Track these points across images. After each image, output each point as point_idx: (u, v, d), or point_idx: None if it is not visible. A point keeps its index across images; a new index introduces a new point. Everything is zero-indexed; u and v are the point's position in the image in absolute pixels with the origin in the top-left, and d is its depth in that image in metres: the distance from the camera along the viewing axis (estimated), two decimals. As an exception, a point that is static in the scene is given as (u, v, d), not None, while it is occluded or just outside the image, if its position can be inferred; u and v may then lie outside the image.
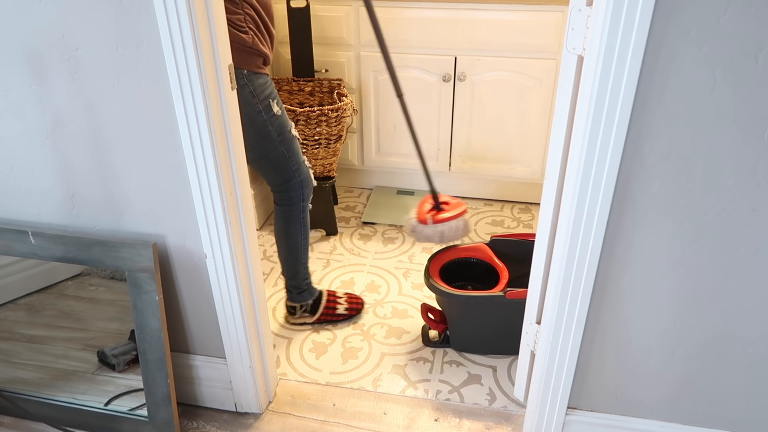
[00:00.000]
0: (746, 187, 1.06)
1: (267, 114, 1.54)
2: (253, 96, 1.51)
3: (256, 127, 1.55)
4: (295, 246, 1.79)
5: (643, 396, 1.36)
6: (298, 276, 1.85)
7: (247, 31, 1.45)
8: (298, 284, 1.86)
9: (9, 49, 1.21)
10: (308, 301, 1.89)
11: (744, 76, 0.97)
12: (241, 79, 1.47)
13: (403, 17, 2.29)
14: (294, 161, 1.65)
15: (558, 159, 1.20)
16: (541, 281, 1.36)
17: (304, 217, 1.76)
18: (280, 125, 1.58)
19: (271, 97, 1.55)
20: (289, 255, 1.81)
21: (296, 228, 1.76)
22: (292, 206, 1.72)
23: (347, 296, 1.97)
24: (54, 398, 1.56)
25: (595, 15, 0.99)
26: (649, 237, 1.15)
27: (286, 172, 1.66)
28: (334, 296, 1.95)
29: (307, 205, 1.75)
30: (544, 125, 2.38)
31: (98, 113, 1.25)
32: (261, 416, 1.62)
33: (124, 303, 1.48)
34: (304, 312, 1.90)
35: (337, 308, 1.91)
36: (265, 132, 1.56)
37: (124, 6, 1.11)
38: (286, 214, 1.74)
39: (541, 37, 2.22)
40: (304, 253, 1.82)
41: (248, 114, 1.51)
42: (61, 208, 1.40)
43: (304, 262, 1.83)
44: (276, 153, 1.61)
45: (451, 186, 2.69)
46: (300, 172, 1.68)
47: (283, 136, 1.60)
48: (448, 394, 1.68)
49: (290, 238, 1.78)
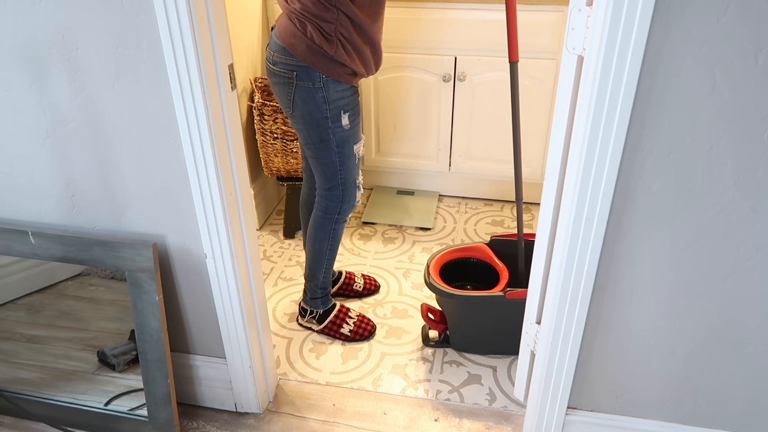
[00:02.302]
0: (746, 187, 1.06)
1: (333, 123, 1.54)
2: (325, 102, 1.50)
3: (318, 130, 1.55)
4: (319, 252, 1.78)
5: (643, 396, 1.36)
6: (316, 281, 1.83)
7: (333, 41, 1.43)
8: (314, 290, 1.85)
9: (9, 49, 1.21)
10: (319, 309, 1.88)
11: (744, 76, 0.97)
12: (318, 82, 1.48)
13: (403, 17, 2.29)
14: (343, 175, 1.64)
15: (558, 159, 1.20)
16: (541, 281, 1.36)
17: (334, 229, 1.74)
18: (343, 138, 1.57)
19: (344, 109, 1.53)
20: (312, 259, 1.80)
21: (323, 236, 1.75)
22: (326, 215, 1.71)
23: (359, 318, 1.91)
24: (54, 398, 1.56)
25: (595, 15, 0.99)
26: (649, 237, 1.15)
27: (332, 180, 1.65)
28: (345, 314, 1.91)
29: (342, 221, 1.73)
30: (544, 125, 2.38)
31: (98, 113, 1.25)
32: (261, 416, 1.62)
33: (124, 303, 1.48)
34: (312, 318, 1.89)
35: (342, 327, 1.88)
36: (326, 138, 1.56)
37: (124, 6, 1.11)
38: (319, 220, 1.73)
39: (541, 37, 2.22)
40: (327, 263, 1.80)
41: (315, 116, 1.53)
42: (61, 207, 1.40)
43: (324, 271, 1.81)
44: (328, 160, 1.61)
45: (451, 186, 2.69)
46: (345, 187, 1.67)
47: (342, 149, 1.59)
48: (448, 394, 1.68)
49: (315, 243, 1.77)
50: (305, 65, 1.46)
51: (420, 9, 2.27)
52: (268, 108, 2.15)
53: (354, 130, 1.59)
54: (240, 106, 2.01)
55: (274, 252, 2.34)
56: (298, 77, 1.49)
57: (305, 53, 1.45)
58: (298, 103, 1.53)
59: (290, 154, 2.24)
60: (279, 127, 2.19)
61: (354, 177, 1.68)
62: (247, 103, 2.29)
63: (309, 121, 1.54)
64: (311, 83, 1.48)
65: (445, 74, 2.35)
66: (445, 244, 2.38)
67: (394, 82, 2.42)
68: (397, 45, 2.34)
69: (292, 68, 1.48)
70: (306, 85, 1.49)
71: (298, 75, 1.48)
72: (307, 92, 1.50)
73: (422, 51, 2.34)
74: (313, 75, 1.47)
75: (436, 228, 2.49)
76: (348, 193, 1.68)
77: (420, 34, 2.31)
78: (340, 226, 1.75)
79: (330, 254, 1.79)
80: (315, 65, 1.45)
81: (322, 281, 1.83)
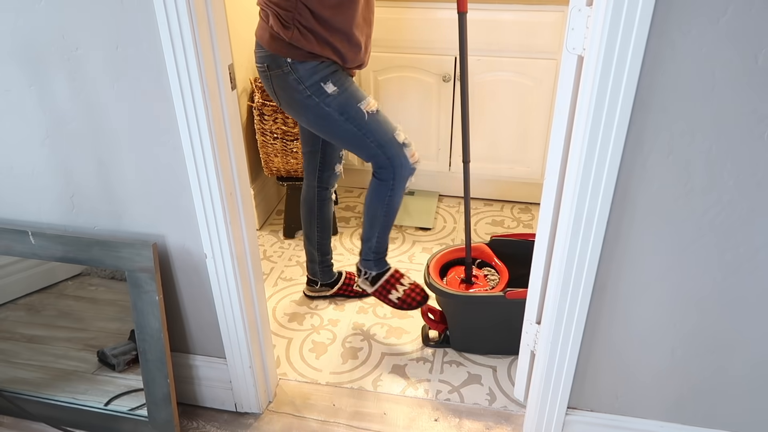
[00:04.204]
0: (746, 187, 1.06)
1: (319, 96, 1.54)
2: (299, 82, 1.53)
3: (311, 110, 1.56)
4: (372, 217, 1.75)
5: (643, 396, 1.36)
6: (369, 244, 1.80)
7: (290, 27, 1.47)
8: (366, 251, 1.82)
9: (9, 49, 1.21)
10: (372, 272, 1.85)
11: (744, 76, 0.97)
12: (285, 67, 1.51)
13: (403, 17, 2.29)
14: (373, 137, 1.58)
15: (558, 159, 1.20)
16: (541, 281, 1.36)
17: (391, 196, 1.69)
18: (341, 103, 1.55)
19: (322, 81, 1.53)
20: (367, 221, 1.77)
21: (378, 202, 1.71)
22: (381, 182, 1.67)
23: (411, 287, 1.86)
24: (54, 398, 1.56)
25: (595, 15, 0.99)
26: (649, 237, 1.15)
27: (366, 147, 1.60)
28: (396, 280, 1.86)
29: (399, 187, 1.67)
30: (544, 125, 2.38)
31: (98, 113, 1.25)
32: (261, 416, 1.62)
33: (124, 303, 1.48)
34: (365, 278, 1.87)
35: (391, 293, 1.84)
36: (323, 113, 1.56)
37: (124, 6, 1.11)
38: (375, 185, 1.69)
39: (541, 37, 2.22)
40: (381, 229, 1.76)
41: (297, 99, 1.55)
42: (61, 207, 1.40)
43: (378, 236, 1.78)
44: (343, 131, 1.58)
45: (451, 186, 2.69)
46: (385, 149, 1.60)
47: (348, 113, 1.55)
48: (448, 394, 1.68)
49: (371, 209, 1.74)
50: (271, 53, 1.52)
51: (420, 9, 2.27)
52: (268, 108, 2.15)
53: (348, 93, 1.56)
54: (240, 106, 2.02)
55: (274, 252, 2.34)
56: (269, 67, 1.55)
57: (269, 41, 1.52)
58: (279, 93, 1.58)
59: (290, 154, 2.24)
60: (279, 127, 2.19)
61: (387, 135, 1.60)
62: (247, 103, 2.29)
63: (296, 105, 1.57)
64: (280, 70, 1.53)
65: (445, 74, 2.35)
66: (445, 244, 2.38)
67: (394, 82, 2.42)
68: (398, 45, 2.34)
69: (263, 59, 1.55)
70: (277, 72, 1.54)
71: (269, 65, 1.55)
72: (281, 79, 1.55)
73: (422, 51, 2.34)
74: (280, 61, 1.52)
75: (436, 228, 2.49)
76: (394, 155, 1.61)
77: (420, 34, 2.31)
78: (396, 194, 1.69)
79: (385, 220, 1.75)
80: (278, 51, 1.51)
81: (375, 244, 1.80)
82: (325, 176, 1.87)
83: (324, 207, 1.91)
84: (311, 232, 1.94)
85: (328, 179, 1.88)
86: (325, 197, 1.90)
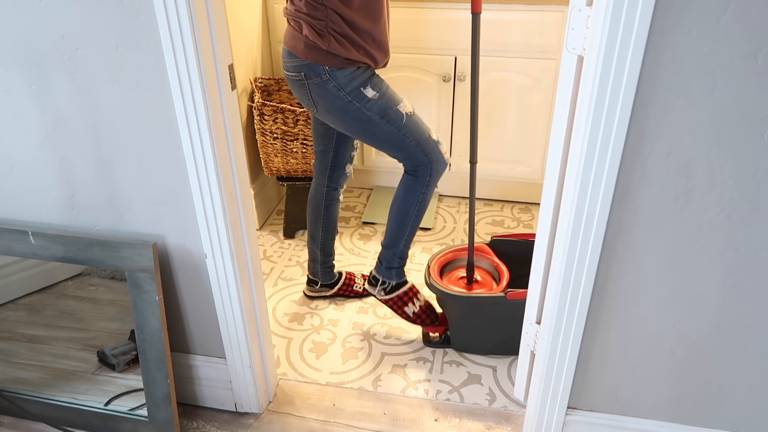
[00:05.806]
0: (746, 187, 1.06)
1: (360, 102, 1.55)
2: (339, 89, 1.53)
3: (351, 114, 1.57)
4: (404, 216, 1.73)
5: (643, 396, 1.36)
6: (395, 249, 1.77)
7: (326, 36, 1.47)
8: (391, 258, 1.78)
9: (9, 49, 1.21)
10: (392, 281, 1.81)
11: (744, 76, 0.97)
12: (324, 75, 1.52)
13: (403, 17, 2.29)
14: (411, 137, 1.61)
15: (558, 159, 1.20)
16: (541, 281, 1.36)
17: (423, 194, 1.69)
18: (381, 107, 1.57)
19: (362, 86, 1.54)
20: (395, 223, 1.74)
21: (411, 201, 1.70)
22: (417, 178, 1.68)
23: (426, 305, 1.85)
24: (54, 398, 1.56)
25: (595, 15, 0.99)
26: (649, 237, 1.15)
27: (405, 147, 1.63)
28: (414, 294, 1.85)
29: (433, 184, 1.69)
30: (544, 125, 2.38)
31: (98, 113, 1.25)
32: (261, 416, 1.62)
33: (124, 303, 1.48)
34: (382, 288, 1.83)
35: (408, 306, 1.83)
36: (364, 117, 1.57)
37: (124, 6, 1.11)
38: (409, 184, 1.69)
39: (541, 37, 2.22)
40: (410, 230, 1.75)
41: (339, 106, 1.56)
42: (61, 208, 1.40)
43: (406, 239, 1.76)
44: (383, 133, 1.60)
45: (452, 186, 2.69)
46: (423, 146, 1.63)
47: (388, 116, 1.57)
48: (448, 394, 1.68)
49: (402, 207, 1.72)
50: (308, 62, 1.52)
51: (420, 9, 2.27)
52: (268, 108, 2.15)
53: (387, 97, 1.58)
54: (240, 106, 2.02)
55: (274, 252, 2.34)
56: (306, 75, 1.54)
57: (305, 51, 1.51)
58: (317, 100, 1.58)
59: (290, 154, 2.24)
60: (279, 127, 2.19)
61: (425, 135, 1.63)
62: (247, 103, 2.29)
63: (336, 111, 1.58)
64: (319, 78, 1.53)
65: (445, 74, 2.35)
66: (445, 244, 2.39)
67: (394, 82, 2.41)
68: (397, 45, 2.34)
69: (299, 68, 1.54)
70: (315, 81, 1.54)
71: (306, 74, 1.54)
72: (319, 87, 1.55)
73: (422, 51, 2.34)
74: (318, 69, 1.52)
75: (436, 228, 2.49)
76: (431, 152, 1.64)
77: (420, 34, 2.31)
78: (429, 191, 1.70)
79: (415, 220, 1.74)
80: (316, 60, 1.51)
81: (401, 249, 1.77)
82: (336, 176, 1.87)
83: (331, 207, 1.92)
84: (316, 231, 1.95)
85: (338, 179, 1.88)
86: (333, 197, 1.91)
